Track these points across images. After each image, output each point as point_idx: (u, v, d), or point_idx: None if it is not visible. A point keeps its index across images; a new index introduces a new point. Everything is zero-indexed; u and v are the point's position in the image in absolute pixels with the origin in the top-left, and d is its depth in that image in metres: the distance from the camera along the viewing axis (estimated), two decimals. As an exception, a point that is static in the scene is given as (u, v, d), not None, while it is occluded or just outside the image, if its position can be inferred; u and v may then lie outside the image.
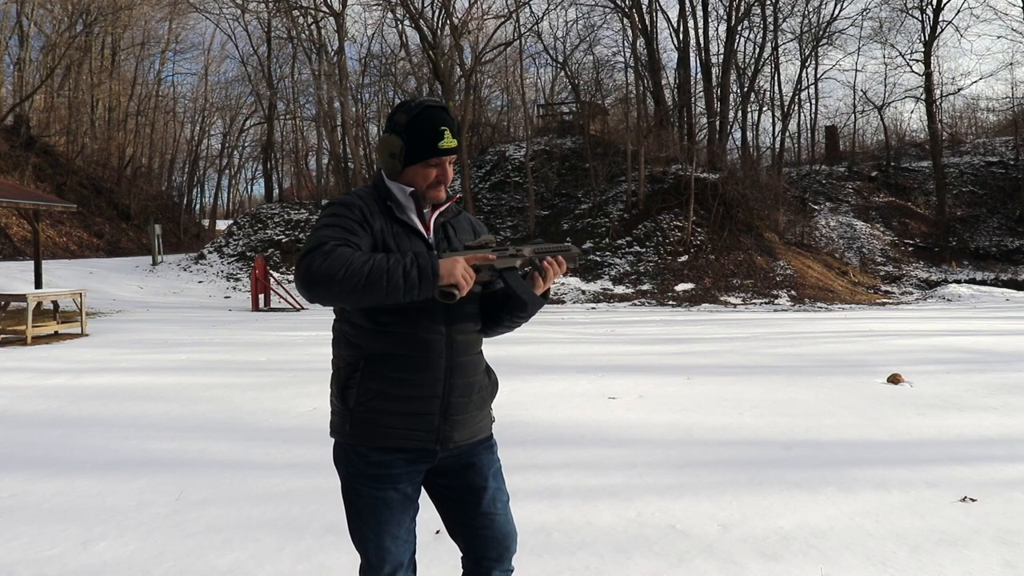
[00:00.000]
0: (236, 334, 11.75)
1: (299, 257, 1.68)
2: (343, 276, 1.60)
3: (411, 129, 1.82)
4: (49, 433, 5.24)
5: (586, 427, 5.40)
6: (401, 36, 30.10)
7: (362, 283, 1.61)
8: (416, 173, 1.85)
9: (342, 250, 1.64)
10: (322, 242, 1.66)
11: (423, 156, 1.83)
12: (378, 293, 1.63)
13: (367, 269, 1.61)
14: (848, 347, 9.91)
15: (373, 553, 1.86)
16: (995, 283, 22.40)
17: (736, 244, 21.68)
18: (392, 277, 1.63)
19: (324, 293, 1.63)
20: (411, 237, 1.84)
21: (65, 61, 30.71)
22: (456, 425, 1.87)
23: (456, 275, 1.69)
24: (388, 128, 1.86)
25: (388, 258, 1.65)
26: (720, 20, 28.44)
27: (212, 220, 42.89)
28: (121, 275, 21.72)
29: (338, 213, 1.78)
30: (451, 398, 1.85)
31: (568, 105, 31.97)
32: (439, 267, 1.67)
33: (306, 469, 4.33)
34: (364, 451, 1.84)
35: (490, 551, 1.95)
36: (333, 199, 1.87)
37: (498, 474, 1.99)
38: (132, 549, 3.19)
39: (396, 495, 1.84)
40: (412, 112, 1.83)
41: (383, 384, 1.80)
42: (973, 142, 32.56)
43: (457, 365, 1.85)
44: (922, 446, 4.87)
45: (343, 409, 1.85)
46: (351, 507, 1.88)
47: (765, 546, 3.21)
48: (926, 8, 28.52)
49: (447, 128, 1.83)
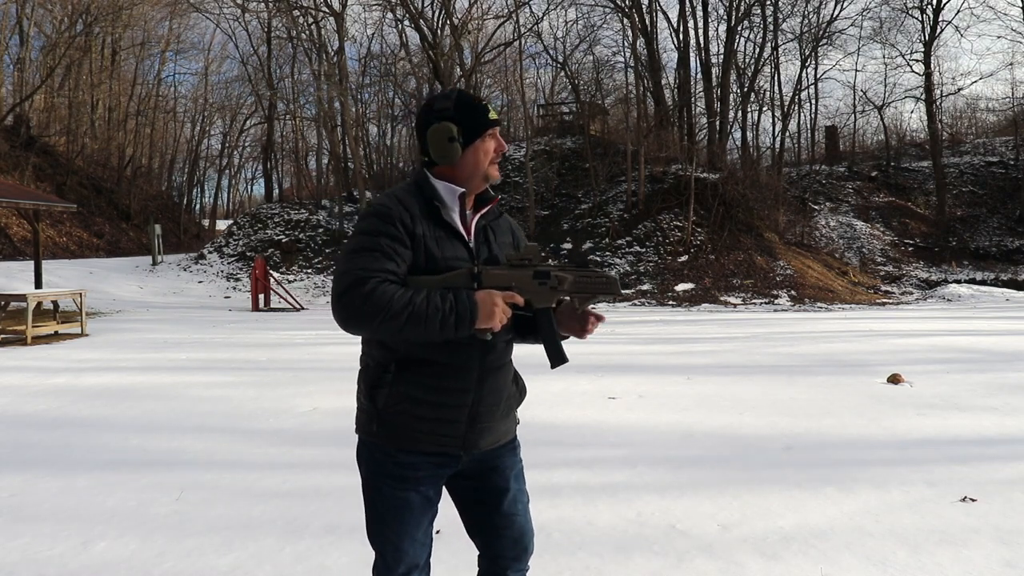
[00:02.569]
0: (236, 334, 11.75)
1: (338, 290, 1.67)
2: (380, 321, 1.64)
3: (460, 110, 1.83)
4: (49, 433, 5.24)
5: (586, 427, 5.40)
6: (401, 36, 30.13)
7: (399, 327, 1.65)
8: (477, 150, 1.84)
9: (383, 290, 1.65)
10: (361, 280, 1.66)
11: (481, 130, 1.84)
12: (415, 336, 1.68)
13: (405, 316, 1.64)
14: (848, 347, 9.90)
15: (390, 553, 1.86)
16: (995, 283, 22.40)
17: (736, 244, 21.68)
18: (430, 325, 1.66)
19: (360, 332, 1.71)
20: (453, 241, 1.82)
21: (65, 61, 30.70)
22: (483, 432, 1.87)
23: (494, 321, 1.72)
24: (434, 118, 1.84)
25: (427, 303, 1.66)
26: (720, 20, 28.45)
27: (212, 220, 42.87)
28: (121, 275, 21.72)
29: (377, 231, 1.73)
30: (480, 407, 1.84)
31: (568, 105, 31.97)
32: (477, 312, 1.69)
33: (306, 469, 4.33)
34: (391, 451, 1.83)
35: (508, 551, 1.96)
36: (372, 207, 1.80)
37: (520, 475, 2.00)
38: (132, 549, 3.19)
39: (418, 497, 1.84)
40: (452, 97, 1.86)
41: (414, 389, 1.79)
42: (973, 142, 32.56)
43: (488, 374, 1.85)
44: (922, 446, 4.87)
45: (371, 409, 1.83)
46: (372, 506, 1.88)
47: (765, 546, 3.21)
48: (926, 8, 28.53)
49: (487, 103, 1.89)
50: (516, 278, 1.80)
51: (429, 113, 1.86)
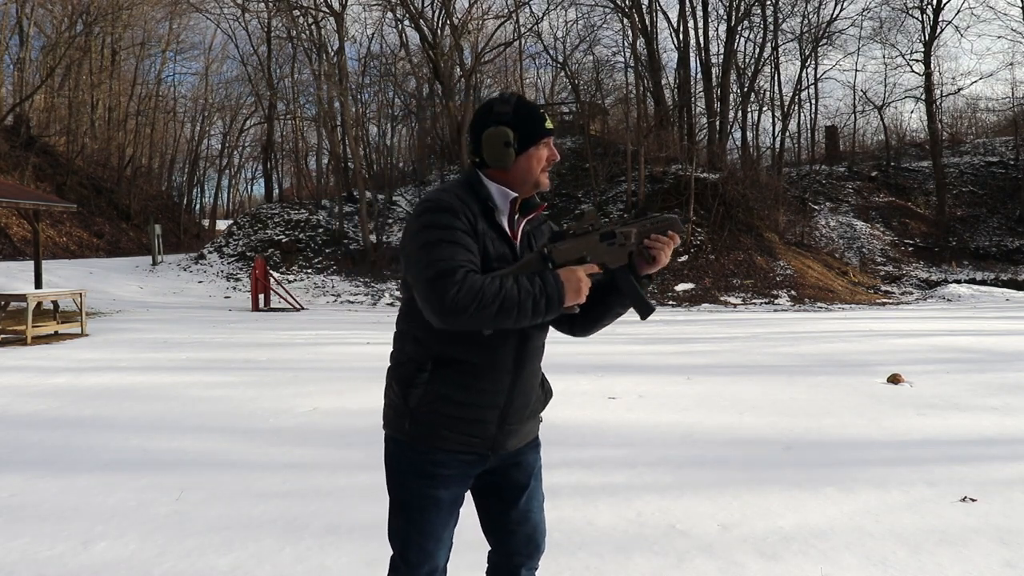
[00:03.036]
0: (236, 334, 11.75)
1: (427, 280, 1.63)
2: (475, 309, 1.61)
3: (518, 116, 1.82)
4: (49, 433, 5.24)
5: (586, 427, 5.40)
6: (401, 36, 30.12)
7: (491, 315, 1.63)
8: (531, 157, 1.84)
9: (472, 279, 1.63)
10: (450, 270, 1.63)
11: (537, 138, 1.84)
12: (506, 323, 1.66)
13: (498, 303, 1.62)
14: (848, 347, 9.91)
15: (414, 553, 1.85)
16: (995, 283, 22.40)
17: (736, 244, 21.68)
18: (522, 309, 1.65)
19: (455, 324, 1.64)
20: (502, 243, 1.82)
21: (65, 61, 30.69)
22: (511, 433, 1.88)
23: (581, 295, 1.72)
24: (492, 122, 1.82)
25: (518, 288, 1.65)
26: (720, 20, 28.44)
27: (212, 220, 42.84)
28: (121, 275, 21.71)
29: (449, 225, 1.71)
30: (510, 408, 1.85)
31: (568, 105, 31.98)
32: (565, 290, 1.69)
33: (306, 469, 4.33)
34: (422, 450, 1.82)
35: (522, 548, 1.97)
36: (433, 202, 1.76)
37: (539, 473, 2.01)
38: (132, 549, 3.19)
39: (447, 496, 1.84)
40: (511, 102, 1.85)
41: (448, 388, 1.79)
42: (973, 142, 32.54)
43: (521, 377, 1.86)
44: (922, 446, 4.87)
45: (403, 407, 1.82)
46: (398, 504, 1.87)
47: (765, 546, 3.21)
48: (926, 8, 28.52)
49: (544, 112, 1.89)
50: (586, 246, 1.80)
51: (487, 116, 1.85)
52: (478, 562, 2.13)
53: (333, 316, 16.00)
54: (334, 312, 17.19)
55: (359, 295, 20.49)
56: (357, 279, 22.30)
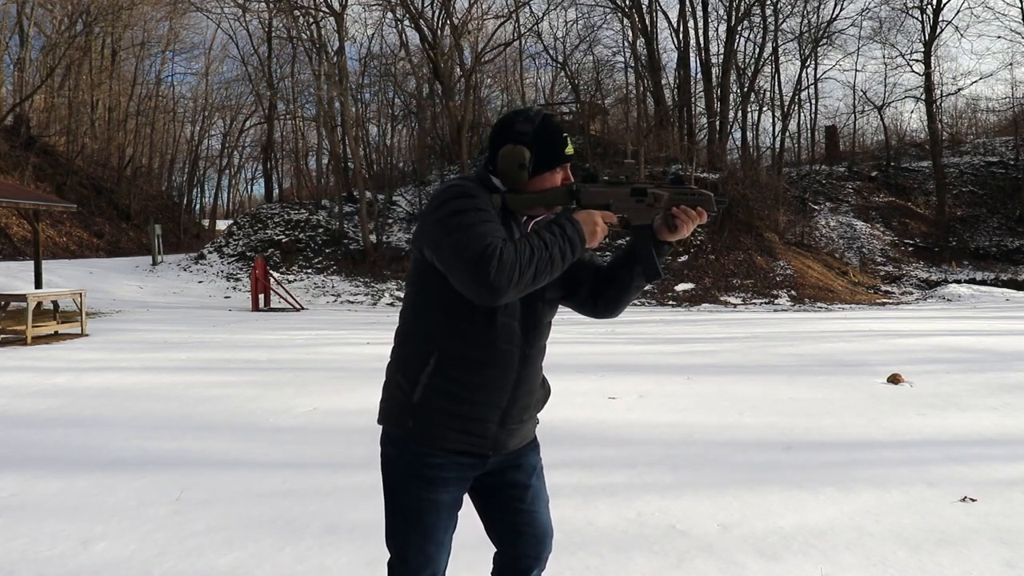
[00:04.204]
0: (236, 334, 11.75)
1: (467, 262, 1.60)
2: (517, 279, 1.60)
3: (538, 138, 1.80)
4: (49, 433, 5.24)
5: (586, 427, 5.40)
6: (401, 36, 30.09)
7: (531, 279, 1.63)
8: (544, 180, 1.82)
9: (509, 250, 1.62)
10: (491, 247, 1.60)
11: (554, 164, 1.82)
12: (544, 280, 1.68)
13: (534, 266, 1.63)
14: (848, 347, 9.91)
15: (414, 557, 1.82)
16: (995, 283, 22.40)
17: (736, 244, 21.68)
18: (554, 262, 1.66)
19: (502, 299, 1.63)
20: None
21: (65, 61, 30.68)
22: (512, 433, 1.87)
23: (596, 240, 1.75)
24: (510, 139, 1.80)
25: (545, 245, 1.65)
26: (720, 20, 28.47)
27: (212, 220, 42.84)
28: (121, 275, 21.71)
29: (476, 207, 1.69)
30: (512, 408, 1.84)
31: (568, 105, 31.95)
32: (585, 236, 1.72)
33: (306, 469, 4.33)
34: (422, 450, 1.79)
35: (529, 549, 1.96)
36: (456, 188, 1.74)
37: (540, 473, 2.00)
38: (132, 549, 3.19)
39: (447, 498, 1.82)
40: (535, 121, 1.82)
41: (451, 385, 1.77)
42: (973, 142, 32.54)
43: (524, 376, 1.84)
44: (922, 446, 4.87)
45: (406, 402, 1.80)
46: (397, 506, 1.84)
47: (765, 546, 3.21)
48: (926, 8, 28.51)
49: (567, 136, 1.87)
50: (614, 195, 1.80)
51: (508, 132, 1.82)
52: (475, 562, 2.14)
53: (333, 316, 16.00)
54: (334, 312, 17.19)
55: (359, 295, 20.49)
56: (357, 279, 22.30)
